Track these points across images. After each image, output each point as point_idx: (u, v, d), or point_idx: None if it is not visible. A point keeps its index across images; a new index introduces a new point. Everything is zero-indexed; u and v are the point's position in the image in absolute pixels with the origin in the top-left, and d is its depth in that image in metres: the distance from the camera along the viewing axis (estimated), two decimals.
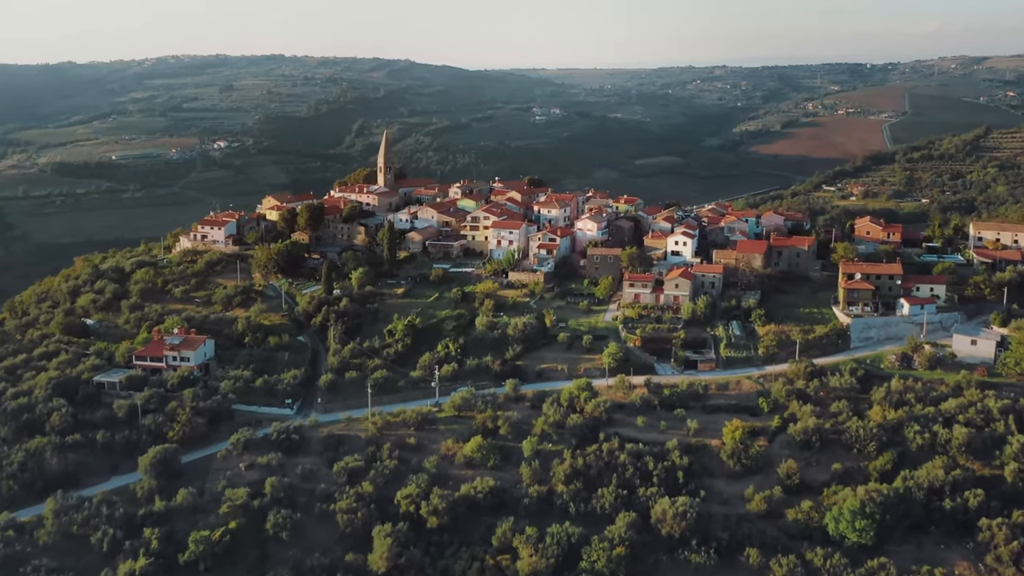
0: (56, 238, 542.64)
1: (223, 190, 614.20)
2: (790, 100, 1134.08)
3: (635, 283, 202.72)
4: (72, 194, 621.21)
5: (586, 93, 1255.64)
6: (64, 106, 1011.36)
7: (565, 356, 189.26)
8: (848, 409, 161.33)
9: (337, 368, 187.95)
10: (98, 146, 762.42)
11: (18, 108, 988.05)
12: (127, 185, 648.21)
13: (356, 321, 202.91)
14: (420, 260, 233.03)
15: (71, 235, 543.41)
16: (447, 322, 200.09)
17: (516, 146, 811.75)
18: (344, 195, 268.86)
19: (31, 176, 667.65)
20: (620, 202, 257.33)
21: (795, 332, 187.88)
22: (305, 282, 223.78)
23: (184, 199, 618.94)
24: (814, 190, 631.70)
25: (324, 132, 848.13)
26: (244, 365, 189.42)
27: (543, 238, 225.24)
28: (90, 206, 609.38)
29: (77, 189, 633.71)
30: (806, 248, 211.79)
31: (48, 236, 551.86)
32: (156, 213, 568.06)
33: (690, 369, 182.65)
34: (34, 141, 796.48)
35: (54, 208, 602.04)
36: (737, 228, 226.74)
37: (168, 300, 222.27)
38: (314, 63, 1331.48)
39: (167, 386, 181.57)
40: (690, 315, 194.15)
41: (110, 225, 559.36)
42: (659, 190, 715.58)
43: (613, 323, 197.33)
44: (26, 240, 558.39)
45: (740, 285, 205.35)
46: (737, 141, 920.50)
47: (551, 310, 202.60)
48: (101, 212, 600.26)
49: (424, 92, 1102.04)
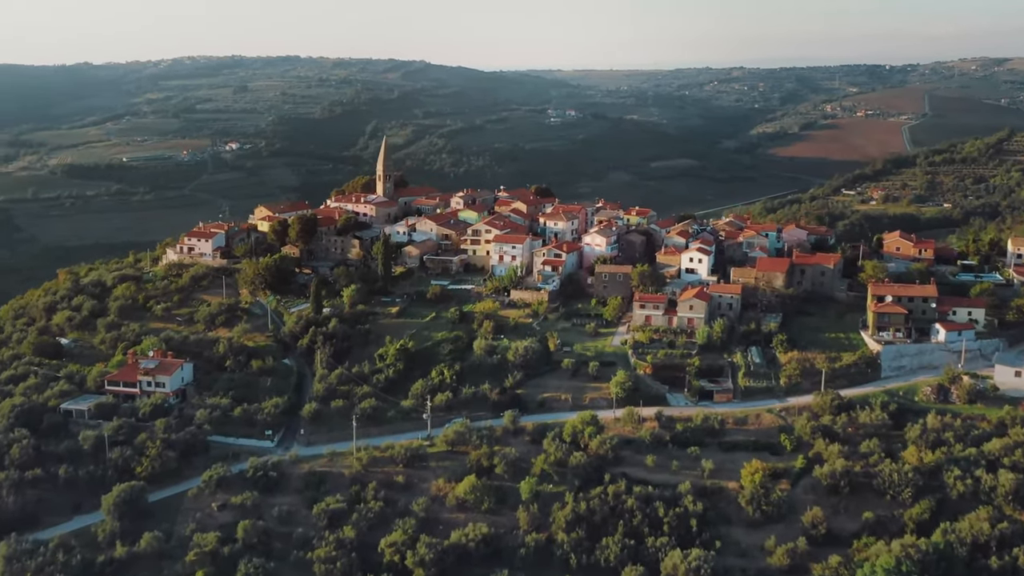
0: (63, 241, 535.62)
1: (233, 193, 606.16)
2: (808, 102, 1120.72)
3: (646, 304, 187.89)
4: (81, 196, 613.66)
5: (602, 94, 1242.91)
6: (79, 107, 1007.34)
7: (569, 384, 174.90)
8: (880, 449, 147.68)
9: (322, 396, 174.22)
10: (109, 148, 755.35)
11: (33, 109, 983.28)
12: (137, 187, 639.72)
13: (345, 344, 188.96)
14: (417, 276, 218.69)
15: (78, 238, 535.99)
16: (443, 345, 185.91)
17: (530, 148, 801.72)
18: (340, 205, 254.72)
19: (41, 178, 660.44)
20: (632, 214, 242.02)
21: (820, 360, 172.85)
22: (294, 299, 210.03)
23: (194, 201, 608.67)
24: (833, 194, 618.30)
25: (337, 134, 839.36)
26: (223, 392, 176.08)
27: (548, 253, 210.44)
28: (99, 208, 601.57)
29: (87, 191, 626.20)
30: (831, 266, 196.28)
31: (55, 239, 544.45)
32: (165, 216, 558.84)
33: (705, 400, 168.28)
34: (47, 142, 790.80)
35: (62, 210, 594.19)
36: (756, 244, 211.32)
37: (148, 318, 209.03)
38: (329, 64, 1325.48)
39: (138, 415, 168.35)
40: (705, 340, 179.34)
41: (118, 228, 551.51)
42: (675, 193, 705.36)
43: (622, 348, 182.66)
44: (32, 243, 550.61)
45: (760, 307, 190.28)
46: (754, 143, 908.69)
47: (555, 333, 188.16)
48: (109, 215, 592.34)
49: (439, 93, 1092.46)
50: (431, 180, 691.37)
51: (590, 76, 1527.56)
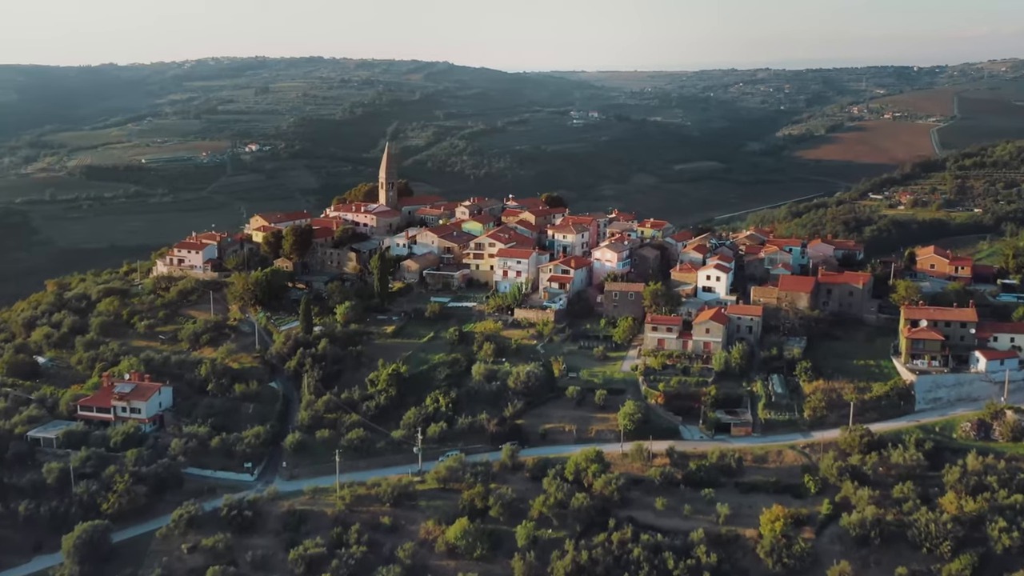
0: (79, 243, 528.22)
1: (252, 195, 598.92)
2: (835, 104, 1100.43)
3: (658, 326, 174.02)
4: (99, 198, 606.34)
5: (626, 96, 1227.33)
6: (102, 108, 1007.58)
7: (574, 414, 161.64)
8: (915, 494, 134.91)
9: (308, 425, 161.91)
10: (128, 149, 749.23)
11: (57, 110, 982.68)
12: (155, 189, 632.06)
13: (336, 367, 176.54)
14: (416, 292, 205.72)
15: (95, 240, 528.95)
16: (439, 369, 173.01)
17: (552, 150, 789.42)
18: (340, 214, 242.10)
19: (59, 179, 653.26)
20: (646, 226, 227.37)
21: (848, 390, 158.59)
22: (286, 316, 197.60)
23: (211, 204, 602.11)
24: (860, 198, 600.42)
25: (358, 135, 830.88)
26: (202, 418, 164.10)
27: (555, 269, 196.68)
28: (116, 211, 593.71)
29: (105, 193, 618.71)
30: (860, 286, 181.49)
31: (71, 241, 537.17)
32: (182, 218, 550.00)
33: (722, 434, 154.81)
34: (67, 144, 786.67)
35: (80, 212, 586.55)
36: (779, 260, 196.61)
37: (131, 336, 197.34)
38: (352, 65, 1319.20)
39: (109, 444, 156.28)
40: (723, 366, 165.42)
41: (134, 231, 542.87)
42: (698, 196, 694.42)
43: (632, 374, 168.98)
44: (49, 245, 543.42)
45: (782, 330, 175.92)
46: (780, 146, 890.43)
47: (560, 357, 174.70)
48: (126, 217, 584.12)
49: (461, 95, 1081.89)
50: (451, 182, 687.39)
51: (614, 77, 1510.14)
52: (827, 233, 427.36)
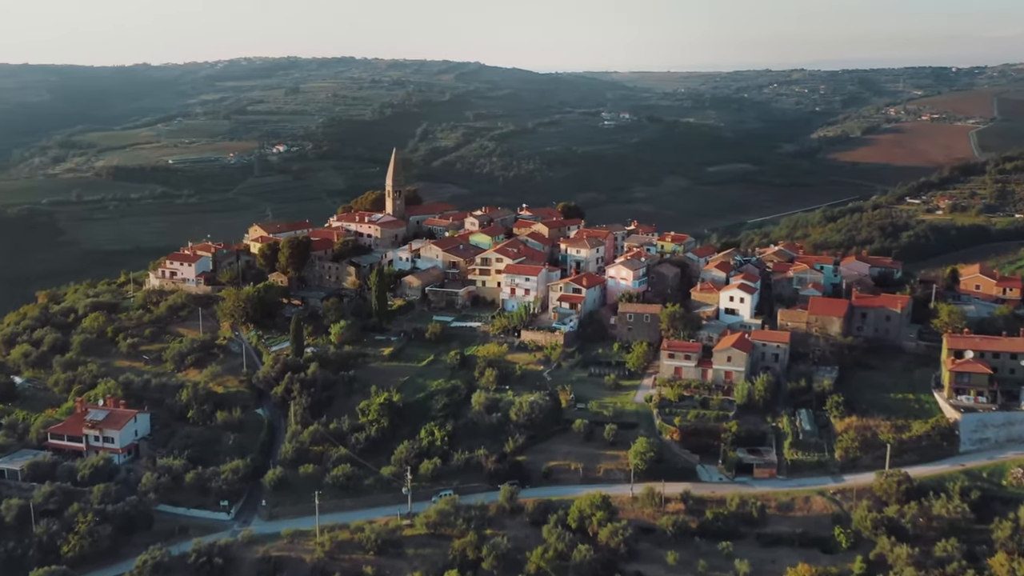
0: (103, 244, 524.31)
1: (278, 196, 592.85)
2: (871, 105, 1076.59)
3: (676, 353, 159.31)
4: (125, 199, 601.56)
5: (658, 97, 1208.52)
6: (134, 108, 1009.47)
7: (581, 451, 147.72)
8: (960, 553, 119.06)
9: (291, 459, 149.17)
10: (157, 149, 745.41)
11: (89, 110, 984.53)
12: (181, 190, 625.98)
13: (326, 393, 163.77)
14: (418, 310, 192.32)
15: (119, 241, 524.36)
16: (436, 398, 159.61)
17: (582, 152, 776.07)
18: (343, 225, 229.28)
19: (86, 180, 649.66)
20: (666, 240, 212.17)
21: (884, 429, 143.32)
22: (278, 335, 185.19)
23: (237, 205, 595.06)
24: (897, 202, 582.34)
25: (387, 136, 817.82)
26: (179, 450, 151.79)
27: (566, 288, 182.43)
28: (141, 211, 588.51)
29: (131, 194, 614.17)
30: (898, 310, 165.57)
31: (96, 242, 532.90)
32: (207, 219, 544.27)
33: (743, 475, 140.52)
34: (96, 144, 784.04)
35: (106, 213, 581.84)
36: (809, 279, 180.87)
37: (114, 355, 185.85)
38: (383, 66, 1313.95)
39: (76, 478, 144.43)
40: (745, 399, 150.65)
41: (159, 232, 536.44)
42: (730, 198, 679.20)
43: (646, 405, 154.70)
44: (74, 246, 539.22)
45: (812, 358, 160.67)
46: (814, 148, 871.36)
47: (568, 385, 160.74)
48: (151, 218, 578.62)
49: (491, 95, 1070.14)
50: (480, 184, 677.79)
51: (647, 78, 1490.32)
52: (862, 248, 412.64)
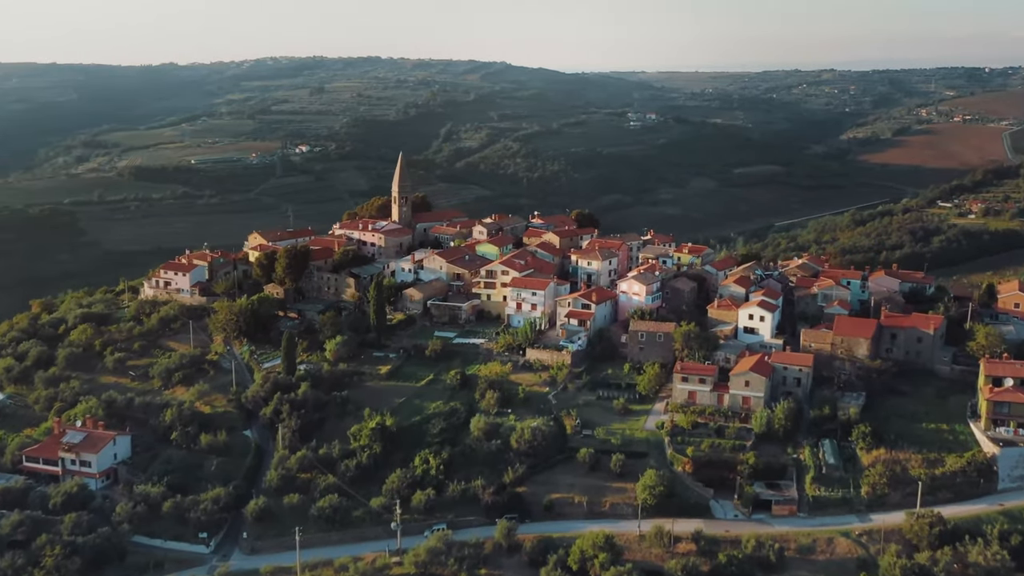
0: (124, 245, 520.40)
1: (300, 197, 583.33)
2: (902, 106, 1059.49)
3: (689, 376, 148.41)
4: (147, 199, 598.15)
5: (686, 97, 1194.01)
6: (160, 108, 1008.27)
7: (586, 482, 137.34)
8: None
9: (276, 487, 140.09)
10: (180, 149, 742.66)
11: (115, 110, 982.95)
12: (203, 191, 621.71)
13: (318, 415, 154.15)
14: (420, 325, 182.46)
15: (140, 242, 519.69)
16: (433, 422, 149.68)
17: (608, 153, 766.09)
18: (346, 233, 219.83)
19: (108, 180, 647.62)
20: (683, 251, 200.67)
21: (915, 463, 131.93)
22: (272, 351, 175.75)
23: (259, 206, 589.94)
24: (928, 206, 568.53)
25: (411, 136, 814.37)
26: (159, 475, 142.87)
27: (574, 303, 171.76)
28: (162, 212, 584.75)
29: (153, 194, 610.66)
30: (931, 331, 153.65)
31: (117, 243, 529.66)
32: (228, 220, 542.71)
33: (761, 512, 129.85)
34: (120, 143, 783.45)
35: (127, 214, 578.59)
36: (835, 296, 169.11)
37: (100, 370, 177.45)
38: (409, 65, 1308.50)
39: (48, 505, 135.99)
40: (764, 428, 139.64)
41: (179, 232, 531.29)
42: (758, 201, 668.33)
43: (657, 433, 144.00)
44: (95, 247, 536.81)
45: (837, 383, 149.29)
46: (844, 149, 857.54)
47: (574, 409, 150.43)
48: (172, 219, 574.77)
49: (517, 95, 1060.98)
50: (503, 185, 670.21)
51: (674, 78, 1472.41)
52: (892, 253, 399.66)
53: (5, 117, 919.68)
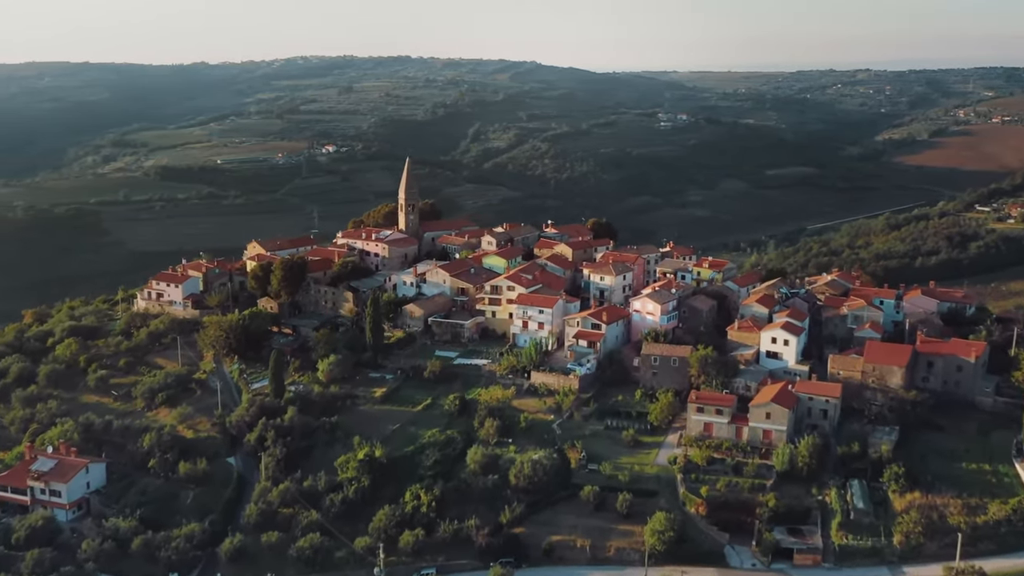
0: (148, 245, 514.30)
1: (325, 197, 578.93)
2: (939, 106, 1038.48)
3: (705, 406, 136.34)
4: (172, 199, 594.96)
5: (718, 97, 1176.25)
6: (190, 107, 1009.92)
7: (590, 523, 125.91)
8: None
9: (256, 523, 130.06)
10: (206, 149, 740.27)
11: (146, 109, 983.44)
12: (228, 191, 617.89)
13: (305, 442, 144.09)
14: (420, 343, 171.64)
15: (163, 243, 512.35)
16: (428, 452, 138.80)
17: (637, 154, 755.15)
18: (349, 242, 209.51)
19: (134, 179, 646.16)
20: (703, 266, 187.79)
21: (954, 509, 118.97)
22: (264, 370, 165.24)
23: (284, 207, 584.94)
24: (965, 210, 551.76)
25: (439, 137, 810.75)
26: (132, 508, 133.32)
27: (583, 323, 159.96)
28: (187, 212, 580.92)
29: (178, 194, 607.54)
30: (972, 359, 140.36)
31: (141, 243, 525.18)
32: (252, 221, 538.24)
33: (781, 561, 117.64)
34: (148, 143, 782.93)
35: (152, 214, 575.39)
36: (867, 318, 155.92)
37: (82, 389, 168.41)
38: (439, 65, 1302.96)
39: (11, 540, 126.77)
40: (786, 465, 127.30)
41: (203, 233, 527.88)
42: (790, 203, 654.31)
43: (669, 469, 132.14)
44: (119, 247, 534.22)
45: (867, 416, 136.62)
46: (879, 150, 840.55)
47: (579, 441, 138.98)
48: (197, 219, 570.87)
49: (546, 95, 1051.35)
50: (531, 186, 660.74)
51: (707, 78, 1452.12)
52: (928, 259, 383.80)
53: (37, 116, 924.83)
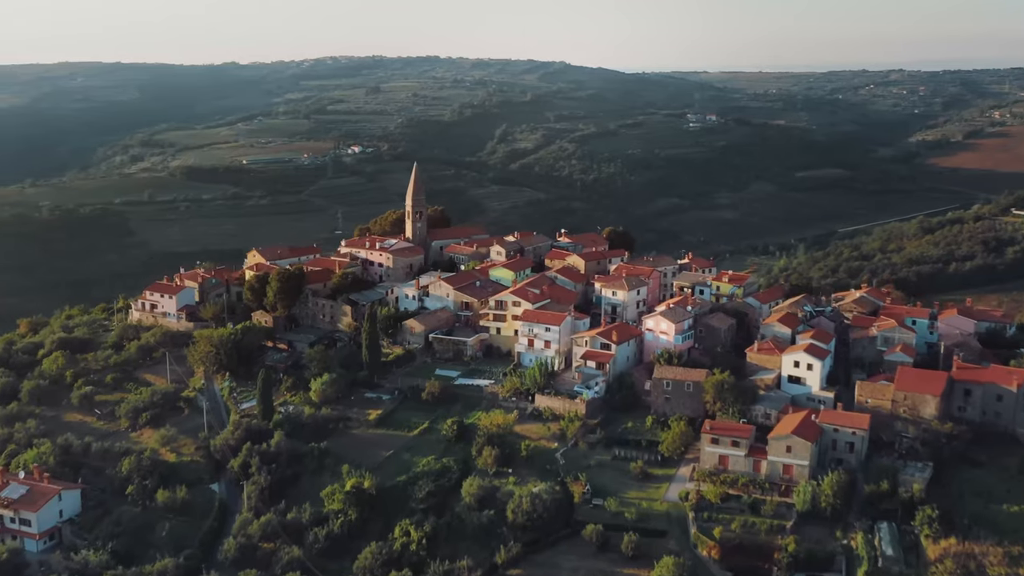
0: (172, 246, 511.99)
1: (350, 199, 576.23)
2: (974, 107, 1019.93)
3: (720, 437, 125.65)
4: (197, 199, 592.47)
5: (748, 98, 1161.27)
6: (219, 107, 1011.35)
7: (592, 565, 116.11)
8: None
9: (234, 559, 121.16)
10: (233, 149, 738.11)
11: (175, 109, 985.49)
12: (253, 191, 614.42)
13: (292, 470, 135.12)
14: (420, 362, 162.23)
15: (188, 243, 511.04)
16: (421, 483, 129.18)
17: (666, 155, 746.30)
18: (352, 251, 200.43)
19: (160, 180, 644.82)
20: (723, 280, 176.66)
21: (994, 557, 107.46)
22: (255, 388, 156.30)
23: (308, 207, 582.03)
24: (1001, 213, 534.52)
25: (466, 137, 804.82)
26: (104, 539, 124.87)
27: (592, 342, 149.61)
28: (212, 213, 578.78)
29: (203, 195, 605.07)
30: (1014, 388, 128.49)
31: (165, 244, 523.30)
32: (277, 222, 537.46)
33: None
34: (176, 143, 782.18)
35: (176, 214, 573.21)
36: (898, 340, 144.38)
37: (66, 406, 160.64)
38: (468, 65, 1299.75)
39: None
40: (808, 504, 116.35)
41: (227, 234, 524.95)
42: (820, 206, 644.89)
43: (680, 505, 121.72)
44: (143, 247, 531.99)
45: (898, 450, 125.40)
46: (912, 152, 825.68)
47: (584, 472, 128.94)
48: (221, 219, 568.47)
49: (574, 96, 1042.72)
50: (557, 187, 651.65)
51: (737, 78, 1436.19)
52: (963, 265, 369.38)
53: (67, 116, 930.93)
